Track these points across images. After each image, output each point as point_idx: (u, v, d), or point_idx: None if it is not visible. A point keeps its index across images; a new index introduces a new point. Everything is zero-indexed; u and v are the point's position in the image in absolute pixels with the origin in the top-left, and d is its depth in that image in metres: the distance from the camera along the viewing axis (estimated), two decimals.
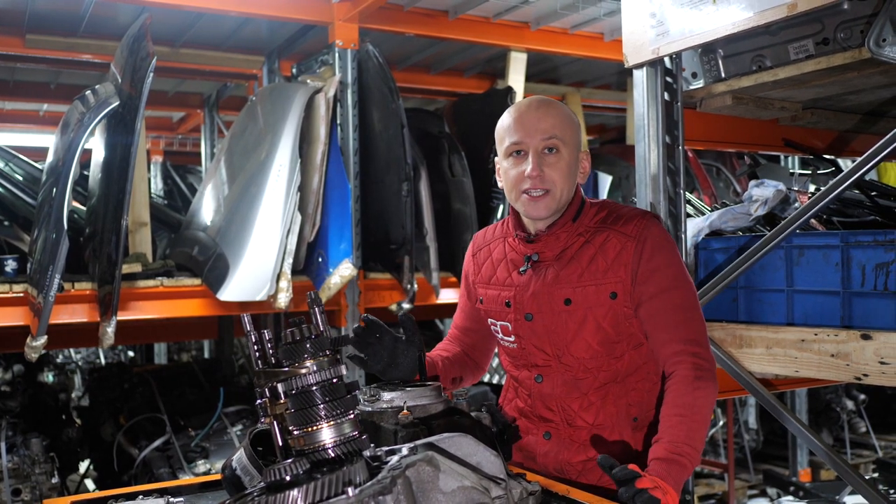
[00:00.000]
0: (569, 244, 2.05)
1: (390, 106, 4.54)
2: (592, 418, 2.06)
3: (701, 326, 2.02)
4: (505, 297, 2.12)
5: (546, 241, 2.07)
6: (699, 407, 1.91)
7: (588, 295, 2.00)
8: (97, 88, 4.09)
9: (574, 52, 5.57)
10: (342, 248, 4.44)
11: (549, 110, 2.04)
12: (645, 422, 2.08)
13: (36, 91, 6.77)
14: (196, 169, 8.99)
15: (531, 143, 2.02)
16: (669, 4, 2.60)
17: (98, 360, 9.02)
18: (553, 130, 2.01)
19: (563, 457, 2.09)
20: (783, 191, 2.84)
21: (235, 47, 5.76)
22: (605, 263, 2.00)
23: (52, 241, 3.61)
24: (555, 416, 2.09)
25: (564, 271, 2.03)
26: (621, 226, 2.03)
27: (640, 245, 1.99)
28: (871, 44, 2.19)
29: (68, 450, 5.09)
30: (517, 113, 2.06)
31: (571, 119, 2.07)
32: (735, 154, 6.51)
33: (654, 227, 2.03)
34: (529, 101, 2.08)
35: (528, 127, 2.02)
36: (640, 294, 1.99)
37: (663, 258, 2.00)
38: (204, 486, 2.01)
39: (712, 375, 1.97)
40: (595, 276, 2.00)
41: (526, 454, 2.17)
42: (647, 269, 1.98)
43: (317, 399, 1.53)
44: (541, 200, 2.02)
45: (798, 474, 6.49)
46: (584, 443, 2.07)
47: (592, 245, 2.03)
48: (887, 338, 2.22)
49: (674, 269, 2.00)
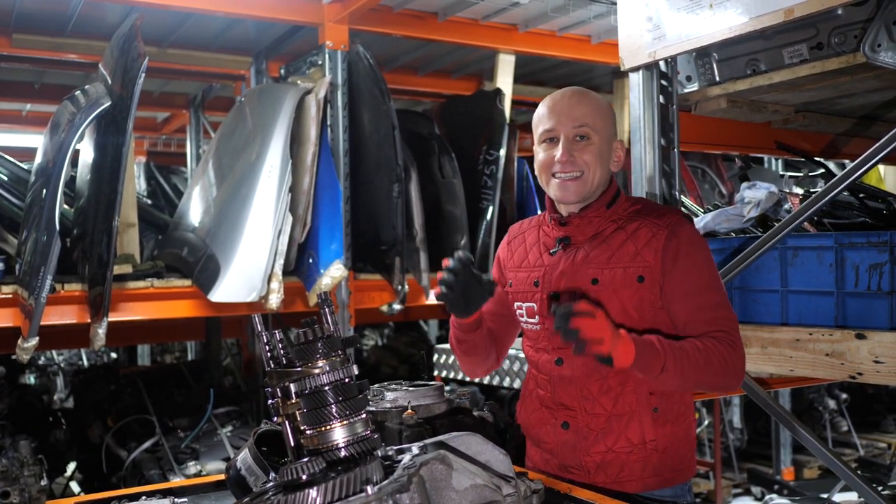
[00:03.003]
0: (601, 229, 2.09)
1: (381, 107, 4.54)
2: (611, 405, 2.04)
3: (735, 322, 2.02)
4: (534, 278, 2.15)
5: (578, 224, 2.11)
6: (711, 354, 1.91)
7: (615, 276, 2.02)
8: (87, 89, 4.07)
9: (562, 54, 5.61)
10: (333, 249, 4.44)
11: (581, 99, 2.09)
12: (667, 415, 2.06)
13: (20, 91, 6.71)
14: (180, 170, 8.93)
15: (562, 130, 2.07)
16: (666, 9, 2.63)
17: (81, 361, 8.94)
18: (585, 119, 2.06)
19: (582, 446, 2.07)
20: (776, 193, 2.88)
21: (223, 48, 5.74)
22: (635, 248, 2.02)
23: (44, 242, 3.58)
24: (574, 403, 2.08)
25: (594, 252, 2.06)
26: (655, 217, 2.05)
27: (673, 237, 2.00)
28: (866, 49, 2.24)
29: (55, 452, 5.05)
30: (551, 102, 2.11)
31: (605, 109, 2.12)
32: (721, 156, 6.58)
33: (687, 224, 2.07)
34: (564, 91, 2.13)
35: (561, 114, 2.07)
36: (674, 290, 2.00)
37: (700, 257, 2.02)
38: (216, 486, 2.01)
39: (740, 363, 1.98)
40: (623, 259, 2.02)
41: (545, 448, 2.15)
42: (685, 267, 1.99)
43: (329, 399, 1.54)
44: (571, 184, 2.07)
45: (781, 473, 6.56)
46: (603, 431, 2.05)
47: (625, 231, 2.05)
48: (881, 337, 2.27)
49: (709, 268, 2.04)
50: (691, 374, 1.91)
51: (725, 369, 1.94)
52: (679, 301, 2.00)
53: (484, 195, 5.22)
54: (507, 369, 4.34)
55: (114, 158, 3.79)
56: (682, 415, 2.10)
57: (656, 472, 2.05)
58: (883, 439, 7.04)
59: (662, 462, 2.05)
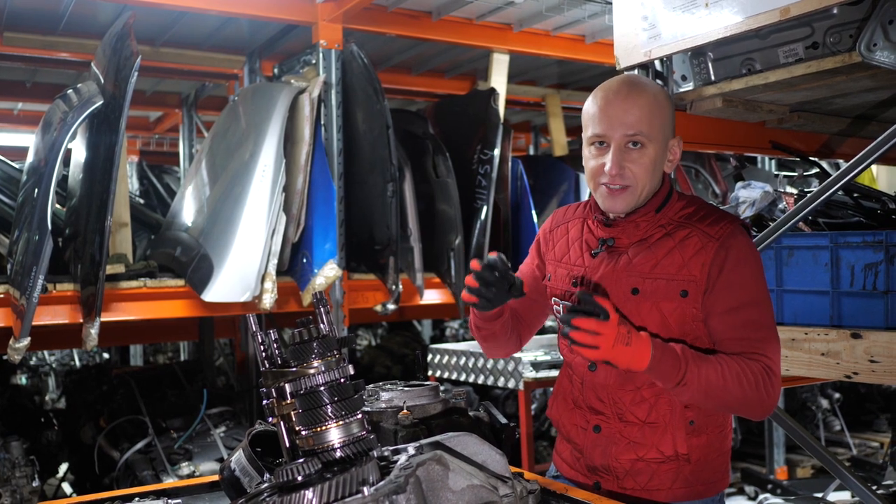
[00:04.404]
0: (648, 234, 1.95)
1: (375, 107, 4.54)
2: (644, 415, 1.95)
3: (776, 347, 1.88)
4: (573, 277, 2.04)
5: (624, 228, 1.98)
6: (743, 377, 1.78)
7: (658, 288, 1.90)
8: (79, 87, 4.05)
9: (556, 53, 5.62)
10: (327, 248, 4.43)
11: (637, 101, 1.90)
12: (703, 428, 1.96)
13: (11, 90, 6.68)
14: (172, 169, 8.90)
15: (614, 136, 1.90)
16: (661, 8, 2.62)
17: (73, 362, 8.89)
18: (639, 126, 1.88)
19: (611, 452, 1.99)
20: (770, 193, 2.89)
21: (217, 47, 5.73)
22: (682, 259, 1.89)
23: (36, 242, 3.56)
24: (605, 409, 2.00)
25: (638, 259, 1.93)
26: (707, 225, 1.90)
27: (723, 250, 1.87)
28: (861, 48, 2.24)
29: (47, 453, 5.02)
30: (603, 101, 1.93)
31: (662, 107, 1.94)
32: (714, 156, 6.58)
33: (740, 235, 1.91)
34: (618, 86, 1.94)
35: (613, 119, 1.90)
36: (714, 303, 1.87)
37: (747, 270, 1.88)
38: (210, 487, 1.99)
39: (774, 393, 1.83)
40: (668, 270, 1.89)
41: (574, 447, 2.09)
42: (728, 279, 1.86)
43: (325, 399, 1.53)
44: (619, 195, 1.92)
45: (775, 472, 6.57)
46: (635, 440, 1.96)
47: (672, 239, 1.92)
48: (877, 336, 2.27)
49: (756, 284, 1.89)
50: (717, 393, 1.79)
51: (757, 396, 1.80)
52: (717, 316, 1.87)
53: (478, 195, 5.21)
54: (503, 369, 4.33)
55: (106, 158, 3.77)
56: (720, 426, 2.00)
57: (687, 484, 1.97)
58: (875, 438, 7.06)
59: (695, 474, 1.97)
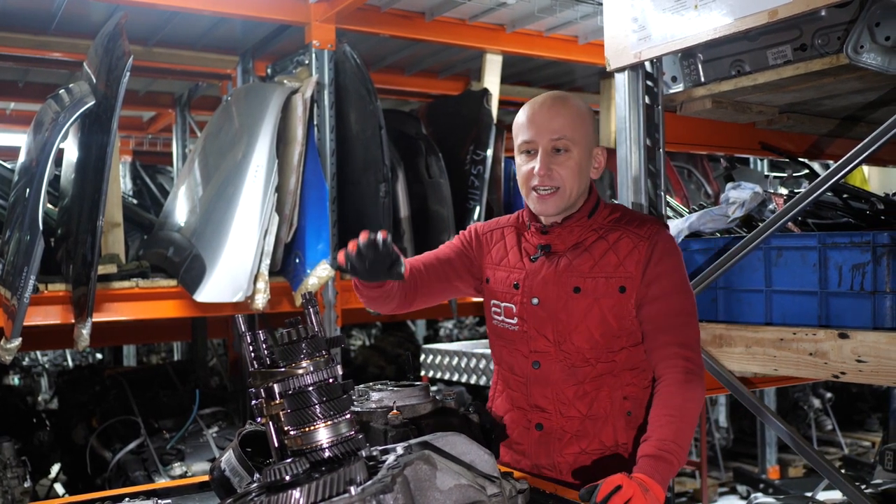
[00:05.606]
0: (582, 238, 2.11)
1: (368, 107, 4.54)
2: (586, 408, 2.08)
3: (695, 333, 2.08)
4: (514, 280, 2.15)
5: (559, 234, 2.12)
6: (688, 409, 1.96)
7: (598, 286, 2.05)
8: (71, 87, 4.04)
9: (549, 54, 5.62)
10: (319, 249, 4.43)
11: (560, 110, 2.08)
12: (639, 418, 2.10)
13: (3, 89, 6.64)
14: (166, 169, 8.88)
15: (541, 142, 2.06)
16: (651, 9, 2.63)
17: (66, 362, 8.88)
18: (563, 131, 2.05)
19: (555, 447, 2.11)
20: (760, 193, 2.90)
21: (209, 47, 5.71)
22: (618, 259, 2.06)
23: (27, 242, 3.56)
24: (549, 405, 2.11)
25: (577, 261, 2.08)
26: (635, 227, 2.09)
27: (651, 247, 2.05)
28: (849, 50, 2.25)
29: (39, 453, 5.00)
30: (531, 111, 2.10)
31: (584, 117, 2.11)
32: (706, 156, 6.60)
33: (664, 233, 2.11)
34: (544, 98, 2.12)
35: (539, 126, 2.07)
36: (643, 295, 2.05)
37: (671, 263, 2.07)
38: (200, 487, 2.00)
39: (701, 379, 2.03)
40: (606, 269, 2.06)
41: (517, 449, 2.18)
42: (655, 272, 2.04)
43: (313, 399, 1.54)
44: (549, 198, 2.07)
45: (767, 472, 6.59)
46: (577, 434, 2.09)
47: (606, 241, 2.09)
48: (864, 336, 2.28)
49: (678, 276, 2.08)
50: (689, 431, 1.96)
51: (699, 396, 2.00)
52: (648, 303, 2.05)
53: (471, 195, 5.22)
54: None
55: (98, 158, 3.76)
56: None
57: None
58: (867, 438, 7.10)
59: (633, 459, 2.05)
